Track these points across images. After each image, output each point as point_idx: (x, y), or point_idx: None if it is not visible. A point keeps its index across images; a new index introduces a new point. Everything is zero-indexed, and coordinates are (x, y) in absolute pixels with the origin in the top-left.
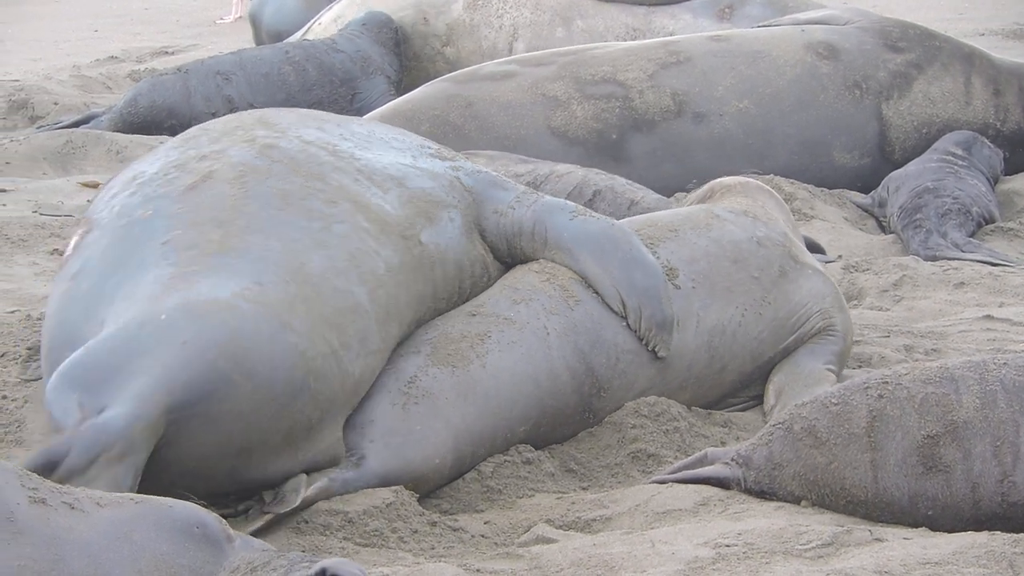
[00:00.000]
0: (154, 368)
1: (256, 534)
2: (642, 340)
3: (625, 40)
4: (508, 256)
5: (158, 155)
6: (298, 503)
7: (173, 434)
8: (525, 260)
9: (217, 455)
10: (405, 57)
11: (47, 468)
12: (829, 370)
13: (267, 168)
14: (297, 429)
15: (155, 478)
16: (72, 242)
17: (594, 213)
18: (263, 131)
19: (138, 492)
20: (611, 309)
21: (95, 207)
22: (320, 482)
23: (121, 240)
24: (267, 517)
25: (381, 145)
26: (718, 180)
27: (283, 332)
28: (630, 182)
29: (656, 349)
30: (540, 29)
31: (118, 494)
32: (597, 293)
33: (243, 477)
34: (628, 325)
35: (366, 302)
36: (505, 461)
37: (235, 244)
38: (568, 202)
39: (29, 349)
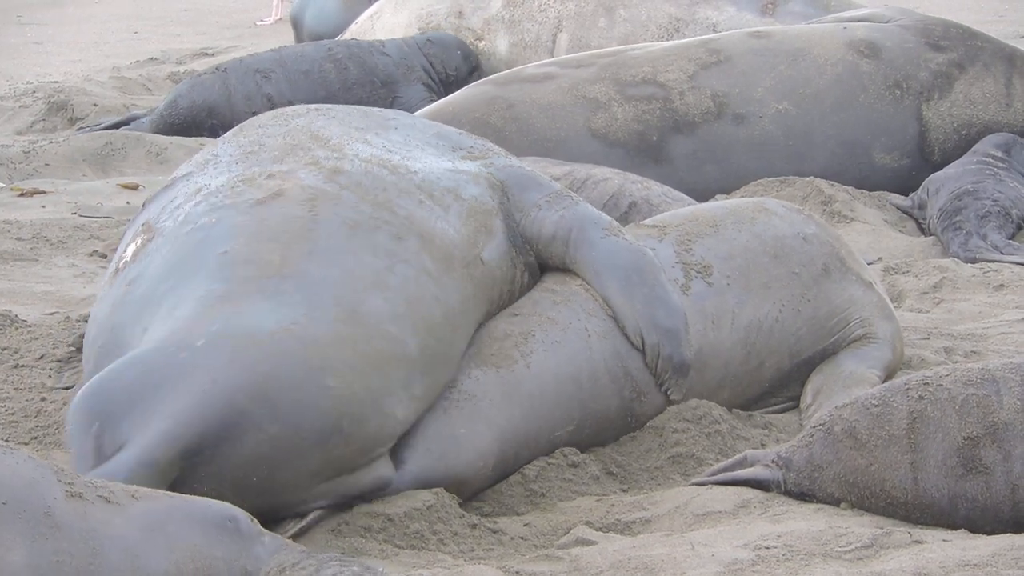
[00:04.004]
0: (176, 407)
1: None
2: (656, 380)
3: (667, 30)
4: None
5: (219, 168)
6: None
7: (189, 471)
8: (543, 265)
9: (238, 491)
10: (457, 84)
11: None
12: (874, 374)
13: (336, 194)
14: (330, 468)
15: None
16: (131, 249)
17: (626, 233)
18: (322, 151)
19: None
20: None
21: (157, 216)
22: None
23: (182, 245)
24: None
25: (421, 152)
26: None
27: (321, 375)
28: (667, 190)
29: (669, 392)
30: (584, 20)
31: (152, 489)
32: (617, 322)
33: (273, 507)
34: (645, 363)
35: (415, 352)
36: (550, 464)
37: (293, 269)
38: (601, 214)
39: (59, 362)
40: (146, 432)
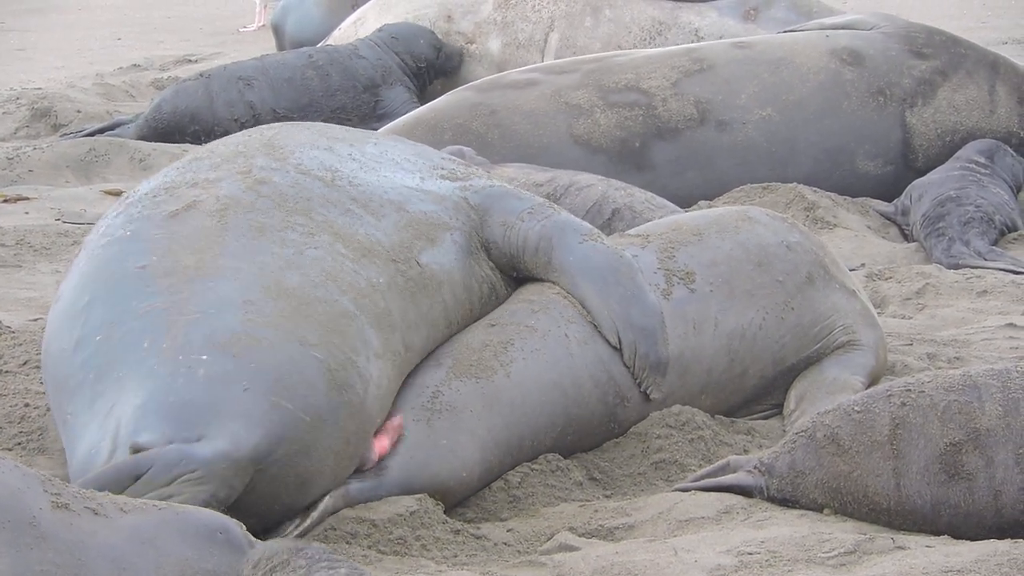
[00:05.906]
0: (245, 415)
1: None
2: (635, 379)
3: (650, 33)
4: (513, 272)
5: (158, 176)
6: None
7: (252, 482)
8: (530, 278)
9: (281, 493)
10: (430, 73)
11: (126, 479)
12: (857, 381)
13: (251, 203)
14: (340, 447)
15: None
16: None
17: (605, 239)
18: (263, 159)
19: None
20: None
21: (89, 232)
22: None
23: (97, 258)
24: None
25: (390, 166)
26: None
27: (307, 351)
28: (650, 197)
29: (648, 390)
30: (573, 19)
31: (141, 500)
32: (594, 324)
33: (294, 507)
34: (623, 362)
35: (352, 308)
36: (533, 470)
37: (209, 268)
38: (581, 223)
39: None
40: (227, 430)
